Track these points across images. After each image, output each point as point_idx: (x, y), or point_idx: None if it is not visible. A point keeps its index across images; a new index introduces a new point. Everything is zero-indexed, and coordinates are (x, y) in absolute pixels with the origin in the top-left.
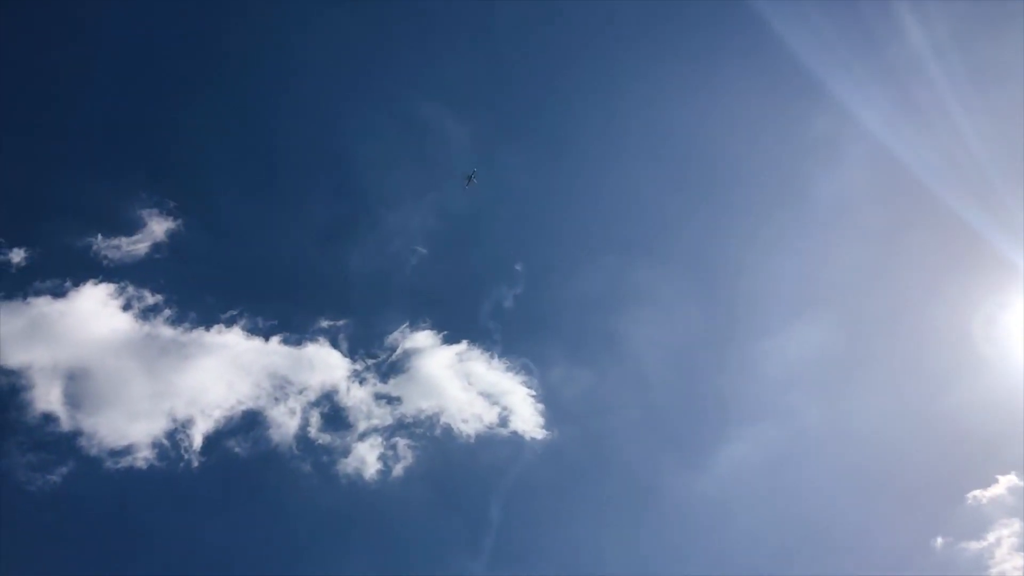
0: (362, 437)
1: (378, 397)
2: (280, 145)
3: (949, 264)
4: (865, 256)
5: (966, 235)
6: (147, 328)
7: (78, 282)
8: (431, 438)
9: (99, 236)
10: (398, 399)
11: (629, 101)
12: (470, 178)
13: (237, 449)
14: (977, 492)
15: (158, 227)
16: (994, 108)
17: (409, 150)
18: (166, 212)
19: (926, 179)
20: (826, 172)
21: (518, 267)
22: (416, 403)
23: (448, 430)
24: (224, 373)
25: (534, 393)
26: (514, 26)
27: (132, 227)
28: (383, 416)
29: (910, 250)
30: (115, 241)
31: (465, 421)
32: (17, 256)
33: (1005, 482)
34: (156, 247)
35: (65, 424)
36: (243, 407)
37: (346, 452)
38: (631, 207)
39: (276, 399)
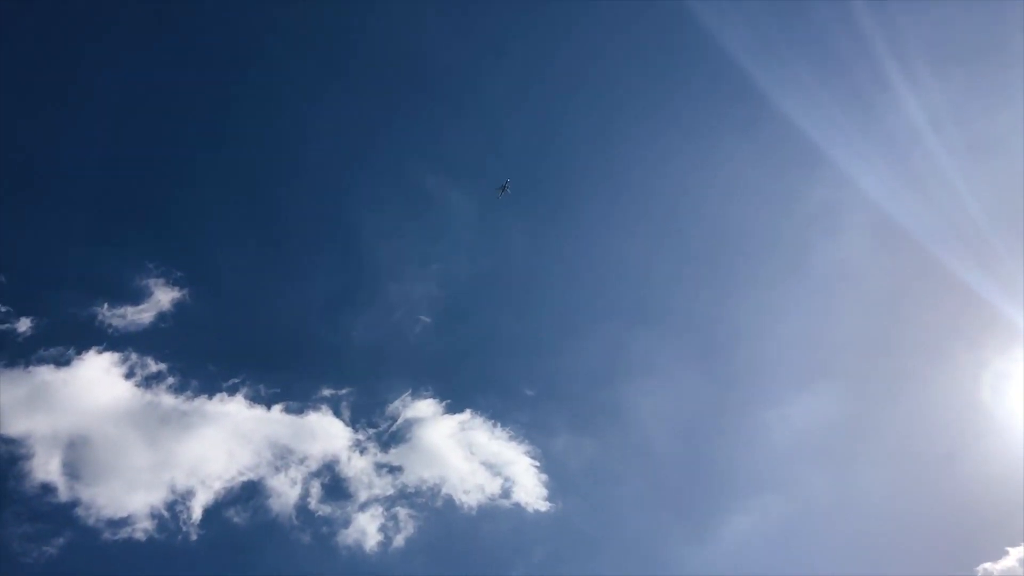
0: (363, 507)
1: (379, 467)
2: (286, 215)
3: (952, 328)
4: (868, 323)
5: (968, 298)
6: (149, 397)
7: (81, 350)
8: (432, 509)
9: (105, 305)
10: (399, 469)
11: (631, 171)
12: (503, 188)
13: (237, 519)
14: (987, 565)
15: (164, 296)
16: (992, 174)
17: (413, 220)
18: (172, 281)
19: (926, 244)
20: (827, 240)
21: (522, 336)
22: (418, 473)
23: (450, 501)
24: (225, 442)
25: (537, 463)
26: (519, 98)
27: (138, 296)
28: (384, 486)
29: (913, 316)
30: (120, 310)
31: (467, 492)
32: (23, 325)
33: (1016, 554)
34: (161, 316)
35: (63, 494)
36: (243, 477)
37: (347, 523)
38: (634, 277)
39: (277, 468)
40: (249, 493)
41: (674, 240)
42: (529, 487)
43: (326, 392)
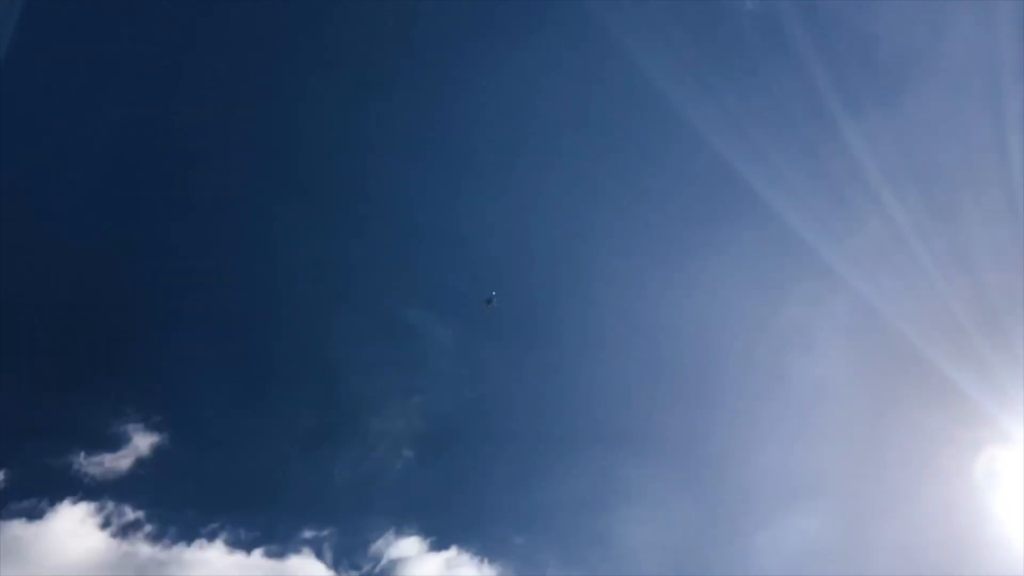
0: None
1: None
2: (264, 353)
3: (939, 432)
4: (854, 434)
5: (954, 398)
6: (125, 547)
7: (55, 502)
8: None
9: (81, 454)
10: None
11: (607, 292)
12: (490, 301)
13: None
14: None
15: (143, 442)
16: (976, 277)
17: (393, 352)
18: (151, 426)
19: (911, 346)
20: (808, 353)
21: (507, 467)
22: None
23: None
24: None
25: None
26: (493, 226)
27: (116, 443)
28: None
29: (899, 422)
30: (98, 458)
31: None
32: None
33: None
34: (140, 462)
35: None
36: None
37: None
38: (615, 400)
39: None
40: None
41: (653, 360)
42: None
43: (307, 534)
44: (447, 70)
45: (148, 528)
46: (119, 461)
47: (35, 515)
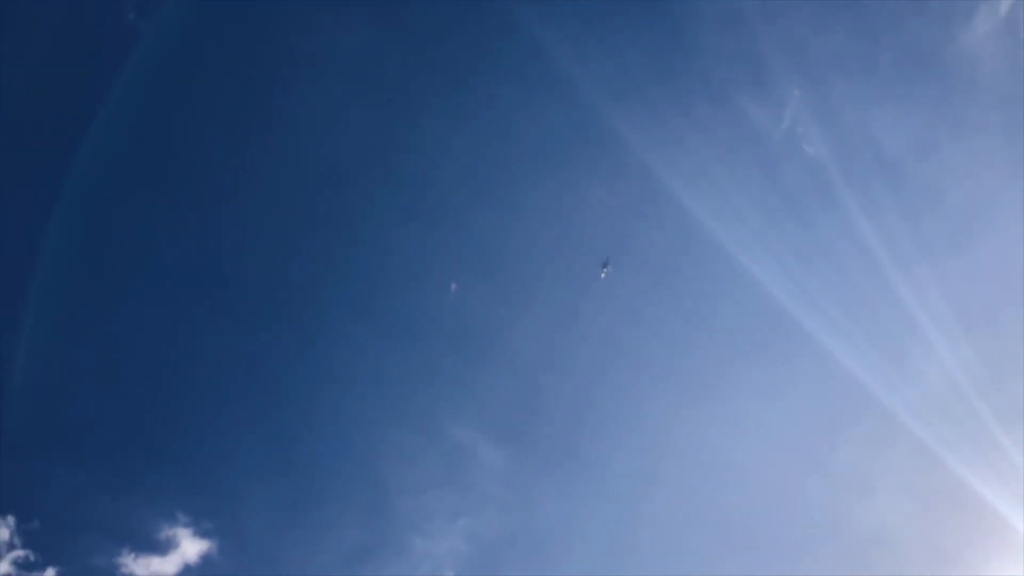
0: None
1: None
2: (314, 465)
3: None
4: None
5: (1019, 549)
6: None
7: None
8: None
9: (132, 556)
10: None
11: (660, 428)
12: (605, 266)
13: None
14: None
15: (191, 548)
16: (990, 359)
17: (441, 474)
18: (201, 533)
19: (972, 494)
20: (866, 498)
21: None
22: None
23: None
24: None
25: None
26: (549, 355)
27: (165, 546)
28: None
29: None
30: (146, 560)
31: None
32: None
33: None
34: (187, 569)
35: None
36: None
37: None
38: (666, 542)
39: None
40: None
41: (706, 503)
42: None
43: None
44: (510, 190)
45: None
46: (166, 565)
47: None
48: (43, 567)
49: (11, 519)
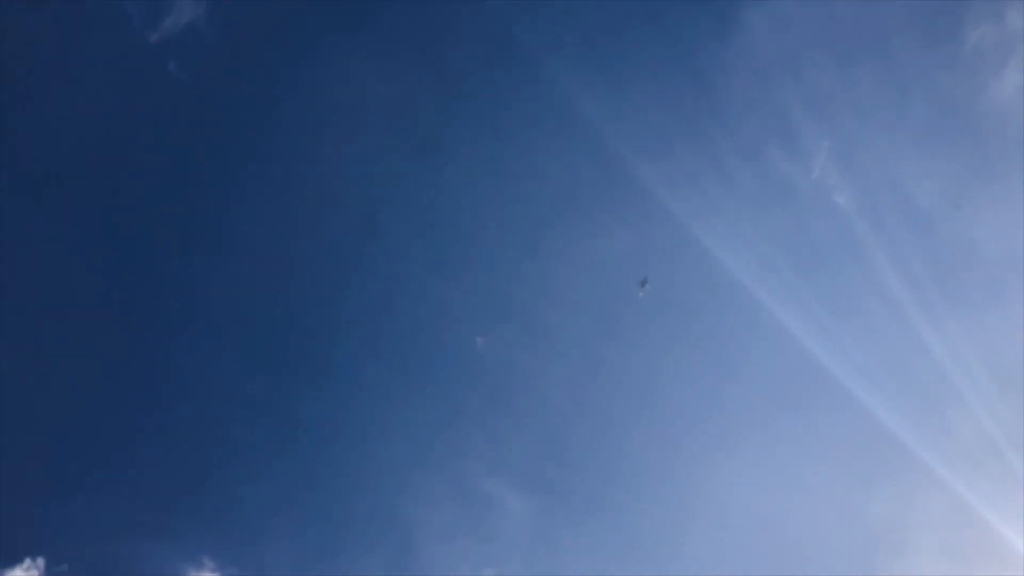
0: None
1: None
2: (342, 512)
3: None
4: None
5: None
6: None
7: None
8: None
9: None
10: None
11: (693, 479)
12: (643, 284)
13: None
14: None
15: None
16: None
17: (467, 523)
18: None
19: (1010, 549)
20: (901, 552)
21: None
22: None
23: None
24: None
25: None
26: (580, 407)
27: None
28: None
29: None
30: None
31: None
32: None
33: None
34: None
35: None
36: None
37: None
38: None
39: None
40: None
41: (738, 557)
42: None
43: None
44: (539, 240)
45: None
46: None
47: None
48: None
49: (41, 561)
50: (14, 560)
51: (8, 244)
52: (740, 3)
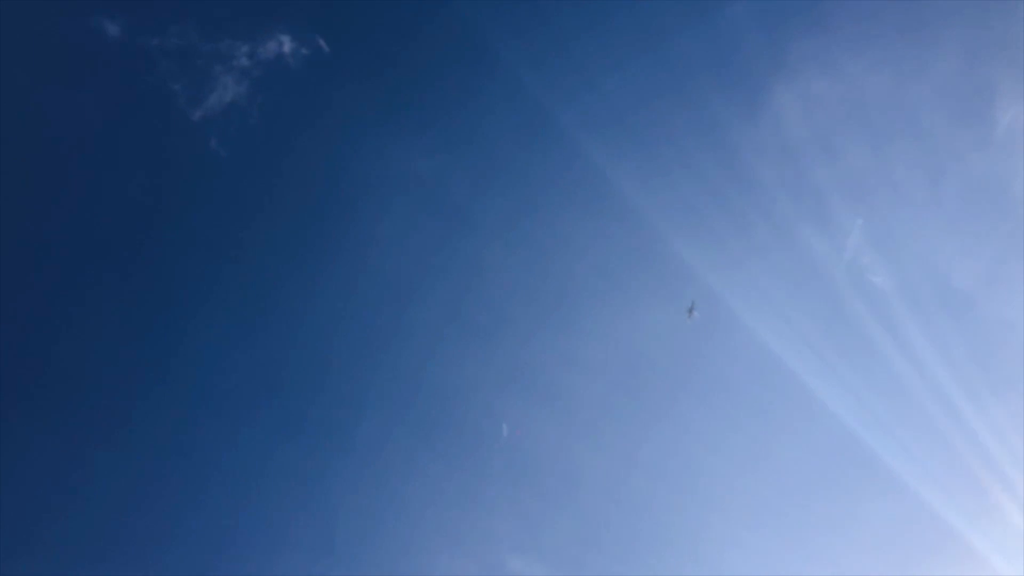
0: None
1: None
2: None
3: None
4: None
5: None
6: None
7: None
8: None
9: None
10: None
11: (729, 562)
12: (691, 310)
13: None
14: None
15: None
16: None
17: None
18: None
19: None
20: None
21: None
22: None
23: None
24: None
25: None
26: (607, 486)
27: None
28: None
29: None
30: None
31: None
32: None
33: None
34: None
35: None
36: None
37: None
38: None
39: None
40: None
41: None
42: None
43: None
44: (573, 315)
45: None
46: None
47: None
48: None
49: None
50: None
51: (55, 323)
52: (773, 82)
